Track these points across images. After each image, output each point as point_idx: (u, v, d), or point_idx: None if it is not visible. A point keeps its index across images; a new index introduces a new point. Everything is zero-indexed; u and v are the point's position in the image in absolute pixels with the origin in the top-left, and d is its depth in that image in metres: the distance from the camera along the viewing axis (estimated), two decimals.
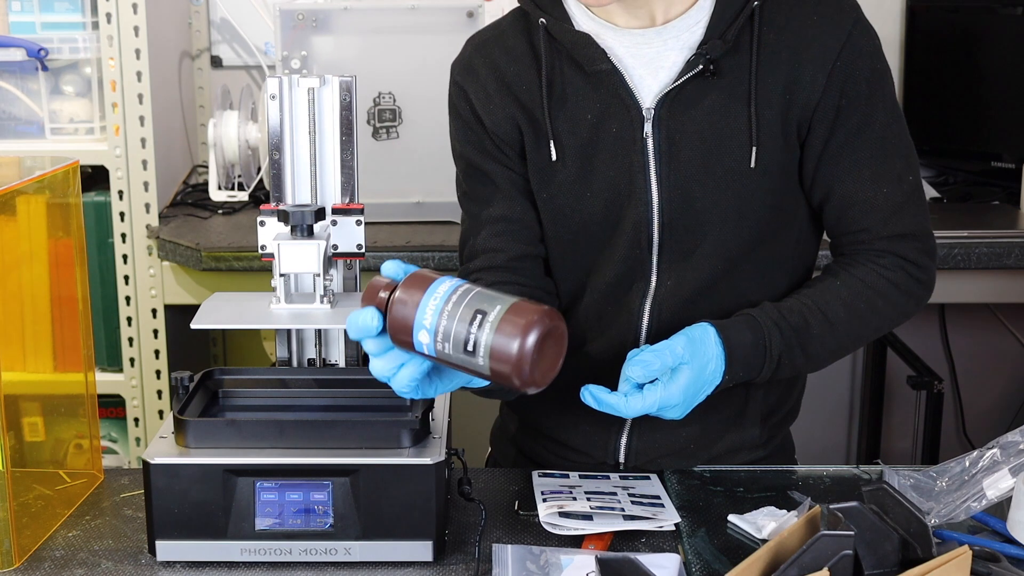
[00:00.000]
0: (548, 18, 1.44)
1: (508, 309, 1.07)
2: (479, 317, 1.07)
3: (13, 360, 1.38)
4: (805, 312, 1.42)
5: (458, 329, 1.08)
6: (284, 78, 1.47)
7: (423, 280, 1.12)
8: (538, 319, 1.07)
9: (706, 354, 1.35)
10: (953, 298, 2.61)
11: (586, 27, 1.44)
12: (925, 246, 1.47)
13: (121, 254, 2.47)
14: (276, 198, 1.49)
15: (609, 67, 1.42)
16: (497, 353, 1.06)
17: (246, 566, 1.28)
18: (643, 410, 1.32)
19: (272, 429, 1.29)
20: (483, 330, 1.07)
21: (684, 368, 1.33)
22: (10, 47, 2.41)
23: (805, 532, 1.12)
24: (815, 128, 1.43)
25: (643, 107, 1.42)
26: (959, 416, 3.10)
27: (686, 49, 1.42)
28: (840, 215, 1.46)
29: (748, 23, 1.41)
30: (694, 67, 1.40)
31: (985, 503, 1.33)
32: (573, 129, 1.44)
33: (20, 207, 1.39)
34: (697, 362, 1.34)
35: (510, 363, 1.06)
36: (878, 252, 1.45)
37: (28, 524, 1.35)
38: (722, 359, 1.36)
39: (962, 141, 2.86)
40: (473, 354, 1.07)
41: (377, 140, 2.46)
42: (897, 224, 1.45)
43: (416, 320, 1.10)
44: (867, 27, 1.43)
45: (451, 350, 1.09)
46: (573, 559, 1.27)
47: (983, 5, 2.81)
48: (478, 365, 1.08)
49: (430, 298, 1.10)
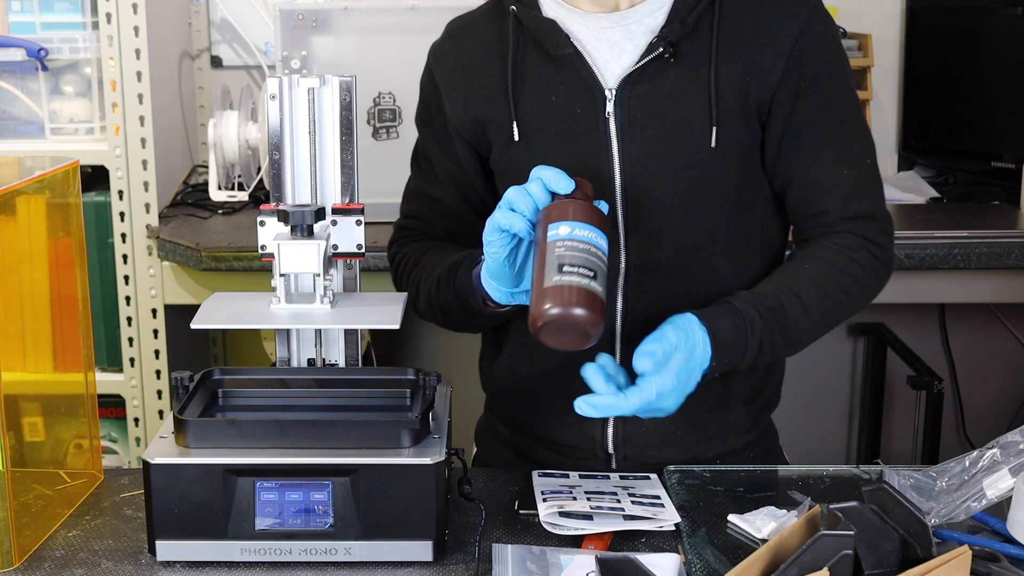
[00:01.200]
0: (519, 5, 1.51)
1: (588, 287, 1.25)
2: (584, 268, 1.26)
3: (13, 360, 1.38)
4: (779, 295, 1.45)
5: (573, 256, 1.26)
6: (284, 78, 1.47)
7: (596, 214, 1.31)
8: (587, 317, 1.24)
9: (693, 339, 1.37)
10: (953, 298, 2.61)
11: (553, 13, 1.51)
12: (884, 227, 1.52)
13: (121, 254, 2.47)
14: (276, 198, 1.49)
15: (572, 51, 1.48)
16: (554, 293, 1.25)
17: (246, 566, 1.28)
18: (642, 403, 1.32)
19: (272, 429, 1.29)
20: (572, 276, 1.25)
21: (675, 354, 1.35)
22: (10, 47, 2.41)
23: (805, 532, 1.12)
24: (775, 111, 1.48)
25: (606, 88, 1.47)
26: (959, 416, 3.10)
27: (648, 33, 1.48)
28: (802, 197, 1.51)
29: (709, 8, 1.46)
30: (655, 50, 1.45)
31: (985, 503, 1.33)
32: (537, 111, 1.50)
33: (20, 207, 1.39)
34: (686, 347, 1.36)
35: (550, 302, 1.24)
36: (840, 233, 1.50)
37: (28, 524, 1.35)
38: (708, 344, 1.38)
39: (962, 141, 2.86)
40: (557, 271, 1.25)
41: (377, 140, 2.46)
42: (857, 205, 1.49)
43: (571, 223, 1.29)
44: (825, 15, 1.50)
45: (559, 251, 1.26)
46: (573, 559, 1.27)
47: (983, 5, 2.81)
48: (550, 277, 1.26)
49: (590, 228, 1.29)
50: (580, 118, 1.48)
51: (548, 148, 1.50)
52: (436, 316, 1.56)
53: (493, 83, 1.52)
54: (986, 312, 3.05)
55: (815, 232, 1.52)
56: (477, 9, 1.59)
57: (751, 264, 1.54)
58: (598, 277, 1.26)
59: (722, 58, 1.45)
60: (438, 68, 1.57)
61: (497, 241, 1.35)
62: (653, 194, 1.48)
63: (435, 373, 1.38)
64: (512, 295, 1.40)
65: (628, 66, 1.47)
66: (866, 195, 1.50)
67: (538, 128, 1.50)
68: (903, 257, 2.32)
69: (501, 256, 1.36)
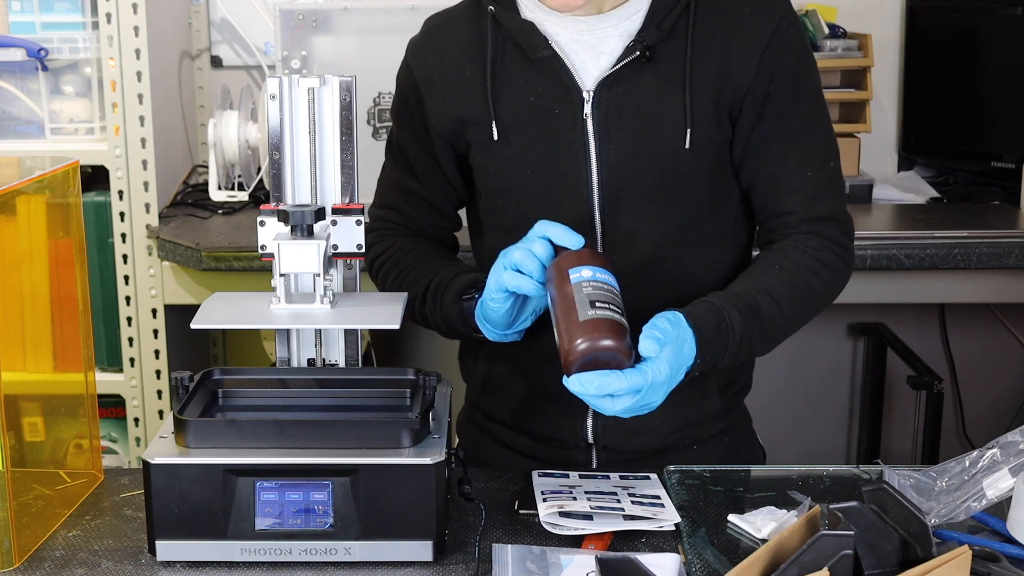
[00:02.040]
0: (497, 6, 1.53)
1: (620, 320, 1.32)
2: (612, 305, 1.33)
3: (13, 360, 1.38)
4: (754, 295, 1.48)
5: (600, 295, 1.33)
6: (284, 78, 1.47)
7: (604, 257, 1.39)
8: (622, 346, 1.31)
9: (682, 334, 1.38)
10: (953, 298, 2.61)
11: (531, 15, 1.53)
12: (846, 228, 1.56)
13: (121, 254, 2.47)
14: (276, 198, 1.49)
15: (551, 53, 1.50)
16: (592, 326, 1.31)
17: (246, 566, 1.28)
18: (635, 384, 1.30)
19: (272, 429, 1.29)
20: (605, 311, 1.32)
21: (666, 347, 1.35)
22: (10, 47, 2.41)
23: (805, 532, 1.12)
24: (745, 112, 1.51)
25: (583, 89, 1.50)
26: (959, 416, 3.10)
27: (626, 36, 1.50)
28: (767, 197, 1.55)
29: (684, 12, 1.49)
30: (632, 53, 1.48)
31: (985, 503, 1.33)
32: (515, 110, 1.52)
33: (20, 207, 1.39)
34: (676, 342, 1.37)
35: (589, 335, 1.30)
36: (805, 234, 1.53)
37: (28, 524, 1.35)
38: (694, 341, 1.39)
39: (962, 141, 2.86)
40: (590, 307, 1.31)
41: (377, 140, 2.46)
42: (820, 206, 1.53)
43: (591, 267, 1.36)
44: (796, 19, 1.53)
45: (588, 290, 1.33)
46: (573, 559, 1.27)
47: (983, 5, 2.81)
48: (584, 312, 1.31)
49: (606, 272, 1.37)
50: (558, 119, 1.51)
51: (527, 148, 1.52)
52: (414, 317, 1.59)
53: (472, 83, 1.54)
54: (986, 312, 3.05)
55: (779, 232, 1.55)
56: (455, 7, 1.61)
57: (722, 261, 1.58)
58: (623, 313, 1.33)
59: (696, 61, 1.48)
60: (417, 65, 1.59)
61: (501, 299, 1.41)
62: (629, 192, 1.51)
63: (435, 373, 1.38)
64: (505, 335, 1.47)
65: (605, 68, 1.50)
66: (829, 197, 1.54)
67: (517, 128, 1.52)
68: (903, 257, 2.32)
69: (503, 310, 1.42)
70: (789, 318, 1.51)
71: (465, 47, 1.55)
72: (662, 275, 1.53)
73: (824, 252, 1.52)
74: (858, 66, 2.74)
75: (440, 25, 1.60)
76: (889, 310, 3.01)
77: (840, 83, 2.77)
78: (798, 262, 1.51)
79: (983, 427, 3.06)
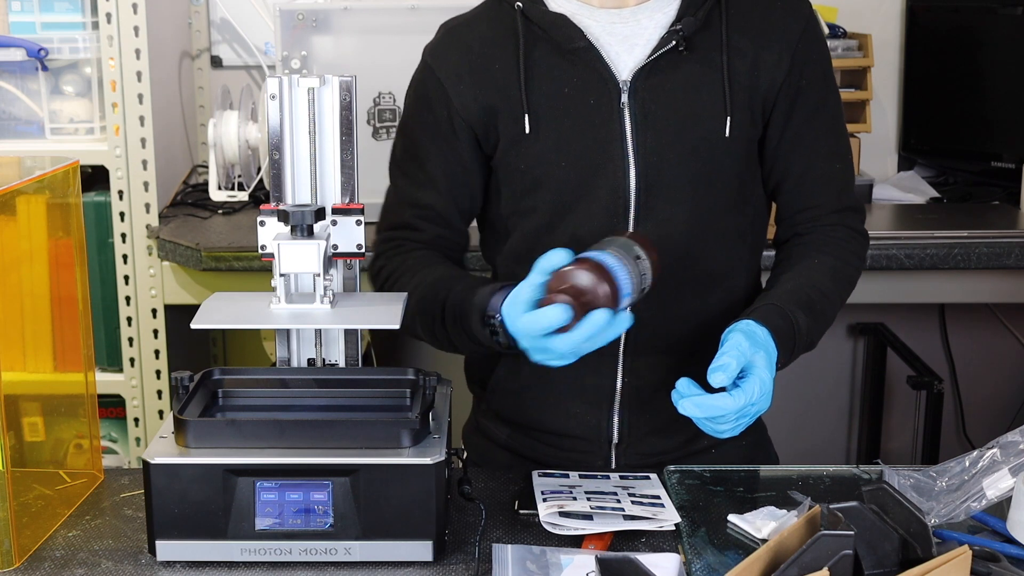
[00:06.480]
0: (525, 1, 1.53)
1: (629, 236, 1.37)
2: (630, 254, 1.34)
3: (13, 360, 1.38)
4: (806, 290, 1.51)
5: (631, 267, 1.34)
6: (284, 78, 1.47)
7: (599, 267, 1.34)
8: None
9: (764, 340, 1.39)
10: (953, 298, 2.61)
11: (562, 8, 1.53)
12: (863, 217, 1.62)
13: (121, 254, 2.47)
14: (276, 198, 1.49)
15: (586, 44, 1.51)
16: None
17: (246, 566, 1.28)
18: (747, 401, 1.32)
19: (272, 429, 1.29)
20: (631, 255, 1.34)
21: (756, 356, 1.36)
22: (10, 47, 2.40)
23: (805, 532, 1.12)
24: (779, 105, 1.54)
25: (620, 79, 1.50)
26: (959, 416, 3.10)
27: (659, 27, 1.52)
28: (798, 190, 1.58)
29: (716, 5, 1.52)
30: (668, 43, 1.49)
31: (985, 503, 1.33)
32: (549, 103, 1.52)
33: (20, 207, 1.39)
34: (762, 348, 1.38)
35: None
36: (832, 226, 1.58)
37: (28, 524, 1.35)
38: (773, 342, 1.41)
39: (962, 141, 2.86)
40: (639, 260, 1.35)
41: (377, 140, 2.46)
42: (847, 198, 1.59)
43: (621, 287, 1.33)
44: (819, 16, 1.59)
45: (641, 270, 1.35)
46: (573, 559, 1.27)
47: (983, 5, 2.81)
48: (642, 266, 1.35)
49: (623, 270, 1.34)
50: (594, 109, 1.51)
51: (561, 139, 1.52)
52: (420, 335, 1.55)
53: (503, 75, 1.53)
54: (986, 312, 3.05)
55: (807, 225, 1.58)
56: (469, 12, 1.60)
57: (743, 256, 1.59)
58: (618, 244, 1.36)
59: (732, 51, 1.51)
60: (439, 64, 1.56)
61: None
62: (665, 181, 1.51)
63: (435, 373, 1.38)
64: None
65: (640, 59, 1.51)
66: (851, 188, 1.60)
67: (550, 120, 1.52)
68: (903, 257, 2.32)
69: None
70: (834, 309, 1.55)
71: (492, 43, 1.54)
72: (688, 265, 1.53)
73: (852, 243, 1.58)
74: (858, 66, 2.74)
75: (460, 26, 1.59)
76: (889, 310, 3.01)
77: (840, 83, 2.76)
78: (833, 255, 1.55)
79: (983, 427, 3.06)
